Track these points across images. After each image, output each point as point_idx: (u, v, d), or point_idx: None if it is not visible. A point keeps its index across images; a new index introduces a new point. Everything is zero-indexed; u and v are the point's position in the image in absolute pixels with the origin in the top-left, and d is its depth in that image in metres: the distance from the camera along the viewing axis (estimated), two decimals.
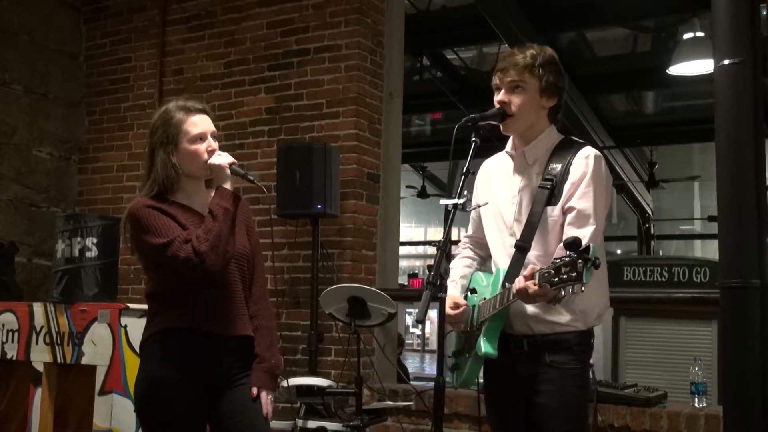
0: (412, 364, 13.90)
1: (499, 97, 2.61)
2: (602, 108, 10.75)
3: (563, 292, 2.27)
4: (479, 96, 9.63)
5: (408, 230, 17.61)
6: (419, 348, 17.84)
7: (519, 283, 2.33)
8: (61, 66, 6.44)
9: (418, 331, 17.97)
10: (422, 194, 14.33)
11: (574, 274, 2.15)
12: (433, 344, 15.65)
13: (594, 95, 10.07)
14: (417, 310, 2.38)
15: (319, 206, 4.80)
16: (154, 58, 6.18)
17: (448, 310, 2.64)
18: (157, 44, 6.18)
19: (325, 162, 4.86)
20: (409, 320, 15.20)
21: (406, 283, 15.31)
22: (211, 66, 5.91)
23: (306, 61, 5.49)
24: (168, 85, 6.10)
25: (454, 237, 2.60)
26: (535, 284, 2.27)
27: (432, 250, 18.68)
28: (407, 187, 13.54)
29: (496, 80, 2.63)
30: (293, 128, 5.47)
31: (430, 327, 16.33)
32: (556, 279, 2.18)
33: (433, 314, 2.76)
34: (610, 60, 9.28)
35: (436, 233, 17.74)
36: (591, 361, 2.63)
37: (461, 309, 2.64)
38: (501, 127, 2.63)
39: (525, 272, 2.33)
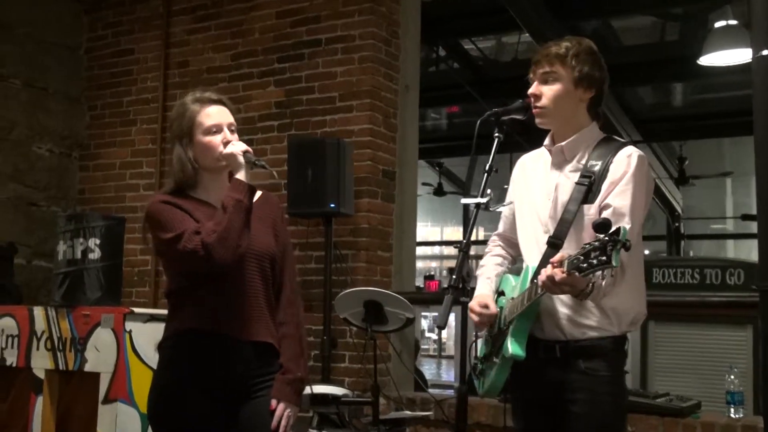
0: (428, 370, 13.90)
1: (531, 89, 2.61)
2: (628, 100, 10.70)
3: (591, 286, 2.29)
4: (498, 87, 9.61)
5: (423, 229, 17.58)
6: (435, 354, 17.84)
7: (546, 270, 2.31)
8: (61, 59, 6.47)
9: (434, 336, 17.96)
10: (439, 192, 14.30)
11: (603, 258, 2.13)
12: (451, 350, 15.65)
13: (620, 87, 10.01)
14: (436, 315, 2.39)
15: (332, 205, 4.81)
16: (158, 50, 6.20)
17: (476, 307, 2.64)
18: (161, 35, 6.19)
19: (338, 158, 4.86)
20: (425, 324, 15.20)
21: (421, 285, 15.30)
22: (217, 58, 5.92)
23: (317, 53, 5.49)
24: (173, 78, 6.12)
25: (473, 237, 2.59)
26: (563, 272, 2.25)
27: (449, 250, 18.66)
28: (423, 184, 13.52)
29: (530, 74, 2.64)
30: (304, 123, 5.48)
31: (448, 331, 16.33)
32: (585, 264, 2.17)
33: (451, 318, 2.76)
34: (637, 49, 9.23)
35: (453, 233, 17.71)
36: (626, 368, 2.62)
37: (489, 311, 2.63)
38: (536, 120, 2.63)
39: (554, 259, 2.31)
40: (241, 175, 2.61)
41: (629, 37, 9.22)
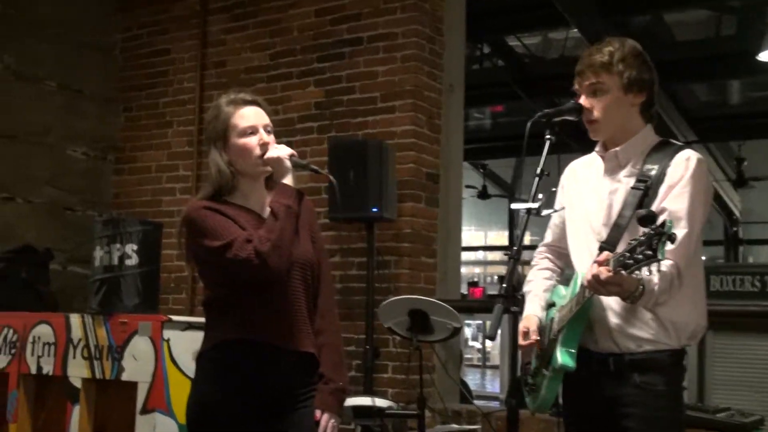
0: (472, 381, 13.84)
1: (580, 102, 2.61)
2: (682, 98, 10.60)
3: (641, 289, 2.29)
4: (544, 85, 9.58)
5: (467, 234, 17.56)
6: (480, 363, 17.75)
7: (592, 269, 2.31)
8: (96, 60, 6.58)
9: (478, 345, 17.88)
10: (483, 195, 14.25)
11: (648, 252, 2.12)
12: (495, 359, 15.58)
13: (673, 84, 9.93)
14: (480, 323, 2.41)
15: (375, 209, 4.82)
16: (194, 49, 6.27)
17: (519, 334, 2.64)
18: (197, 35, 6.27)
19: (381, 161, 4.88)
20: (468, 333, 15.16)
21: (465, 292, 15.30)
22: (255, 58, 5.97)
23: (358, 51, 5.51)
24: (210, 79, 6.19)
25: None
26: (609, 270, 2.24)
27: (493, 255, 18.59)
28: (466, 186, 13.48)
29: (576, 85, 2.64)
30: (345, 124, 5.51)
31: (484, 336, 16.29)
32: (630, 261, 2.16)
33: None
34: (691, 45, 9.15)
35: (498, 237, 17.65)
36: (684, 383, 2.59)
37: (530, 341, 2.64)
38: (589, 134, 2.63)
39: (599, 257, 2.31)
40: (288, 180, 2.62)
41: (683, 31, 9.13)
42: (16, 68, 6.09)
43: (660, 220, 2.14)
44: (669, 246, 2.13)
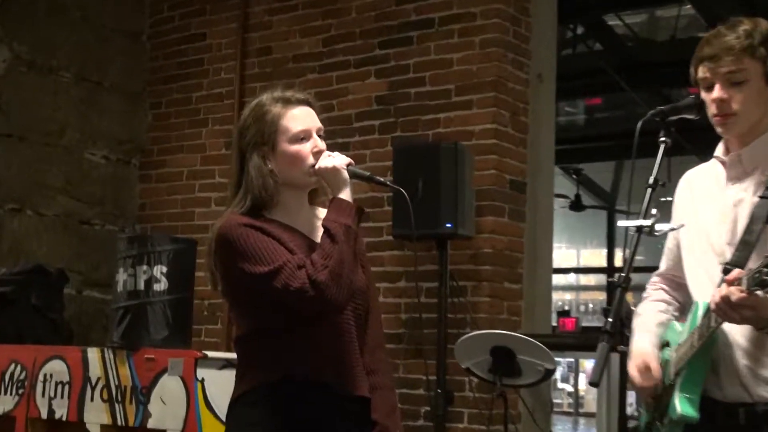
0: (562, 431, 13.73)
1: (715, 93, 2.55)
2: None
3: None
4: (650, 74, 9.48)
5: (556, 252, 17.41)
6: (571, 410, 17.57)
7: (721, 290, 2.30)
8: (120, 47, 6.68)
9: (569, 388, 17.70)
10: (576, 205, 14.13)
11: None
12: (590, 405, 15.37)
13: None
14: (571, 360, 2.39)
15: (448, 225, 4.82)
16: (234, 34, 6.33)
17: (633, 370, 2.61)
18: (237, 17, 6.33)
19: (456, 166, 4.88)
20: (557, 373, 15.03)
21: (554, 324, 15.17)
22: (305, 43, 6.00)
23: (429, 36, 5.52)
24: (251, 69, 6.24)
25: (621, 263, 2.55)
26: (741, 290, 2.23)
27: (587, 279, 18.41)
28: (556, 196, 13.40)
29: (704, 72, 2.57)
30: (412, 123, 5.51)
31: (586, 381, 16.11)
32: None
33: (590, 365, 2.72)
34: None
35: (593, 257, 17.46)
36: None
37: (652, 376, 2.60)
38: (719, 130, 2.58)
39: (729, 276, 2.30)
40: (345, 194, 2.61)
41: None
42: (28, 57, 6.22)
43: None
44: None
